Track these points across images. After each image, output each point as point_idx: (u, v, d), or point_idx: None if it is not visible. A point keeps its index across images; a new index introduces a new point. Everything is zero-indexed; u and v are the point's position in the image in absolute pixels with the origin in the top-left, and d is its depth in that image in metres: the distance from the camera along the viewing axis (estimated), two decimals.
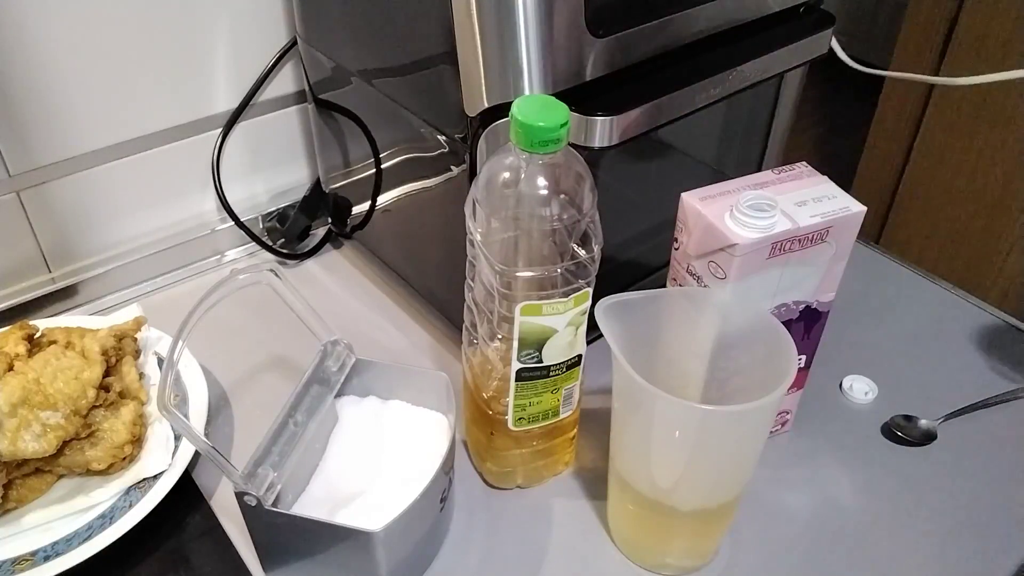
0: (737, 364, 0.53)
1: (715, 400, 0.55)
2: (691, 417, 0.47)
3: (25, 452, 0.54)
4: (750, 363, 0.52)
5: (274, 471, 0.50)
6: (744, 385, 0.52)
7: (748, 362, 0.52)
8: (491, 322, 0.53)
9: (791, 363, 0.49)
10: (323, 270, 0.83)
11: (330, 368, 0.57)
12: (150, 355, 0.66)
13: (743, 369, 0.53)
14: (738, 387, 0.53)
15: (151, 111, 0.74)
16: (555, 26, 0.51)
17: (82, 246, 0.77)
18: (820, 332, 0.59)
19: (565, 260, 0.50)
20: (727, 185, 0.55)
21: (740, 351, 0.53)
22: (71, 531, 0.55)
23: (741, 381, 0.53)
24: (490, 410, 0.56)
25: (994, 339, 0.75)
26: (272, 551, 0.53)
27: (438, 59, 0.56)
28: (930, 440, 0.65)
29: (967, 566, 0.57)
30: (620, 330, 0.49)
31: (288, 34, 0.78)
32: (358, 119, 0.71)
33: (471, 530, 0.58)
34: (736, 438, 0.49)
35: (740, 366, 0.53)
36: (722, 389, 0.55)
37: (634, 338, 0.50)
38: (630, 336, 0.49)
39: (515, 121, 0.45)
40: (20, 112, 0.68)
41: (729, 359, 0.54)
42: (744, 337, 0.52)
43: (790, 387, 0.49)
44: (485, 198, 0.49)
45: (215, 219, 0.83)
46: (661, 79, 0.57)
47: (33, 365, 0.56)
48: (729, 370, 0.54)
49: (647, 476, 0.52)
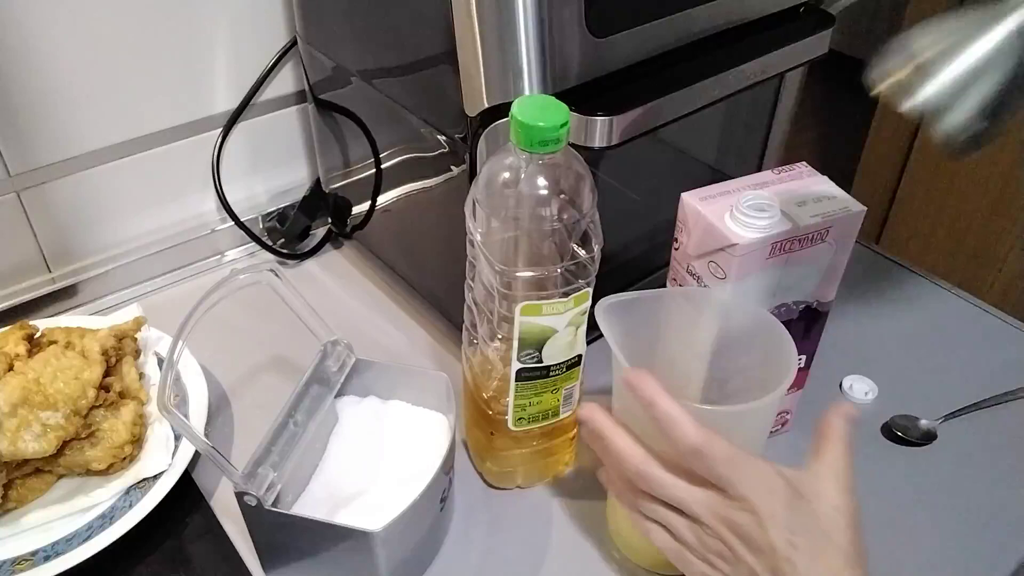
0: (737, 364, 0.53)
1: (715, 400, 0.55)
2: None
3: (25, 452, 0.54)
4: (750, 363, 0.52)
5: (274, 471, 0.50)
6: (744, 385, 0.52)
7: (748, 362, 0.52)
8: (491, 322, 0.53)
9: (791, 363, 0.49)
10: (323, 270, 0.83)
11: (330, 368, 0.57)
12: (150, 355, 0.66)
13: (743, 369, 0.53)
14: (738, 387, 0.53)
15: (151, 111, 0.74)
16: (555, 26, 0.51)
17: (82, 246, 0.77)
18: (820, 332, 0.59)
19: (565, 260, 0.50)
20: (727, 185, 0.55)
21: (740, 351, 0.53)
22: (71, 531, 0.55)
23: (741, 381, 0.53)
24: (490, 410, 0.56)
25: (994, 339, 0.75)
26: (272, 551, 0.53)
27: (438, 59, 0.56)
28: (930, 440, 0.65)
29: (967, 566, 0.57)
30: (620, 330, 0.49)
31: (288, 34, 0.78)
32: (358, 119, 0.71)
33: (471, 530, 0.58)
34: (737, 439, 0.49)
35: (740, 366, 0.53)
36: (722, 389, 0.55)
37: (634, 338, 0.50)
38: (630, 336, 0.49)
39: (515, 121, 0.45)
40: (20, 112, 0.68)
41: (729, 359, 0.54)
42: (744, 337, 0.52)
43: (790, 387, 0.49)
44: (485, 198, 0.49)
45: (215, 219, 0.83)
46: (661, 79, 0.57)
47: (33, 365, 0.56)
48: (729, 370, 0.54)
49: None
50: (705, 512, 0.44)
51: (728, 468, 0.43)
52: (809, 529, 0.42)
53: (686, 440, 0.44)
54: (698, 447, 0.43)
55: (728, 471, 0.43)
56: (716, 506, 0.44)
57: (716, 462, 0.43)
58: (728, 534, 0.43)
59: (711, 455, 0.43)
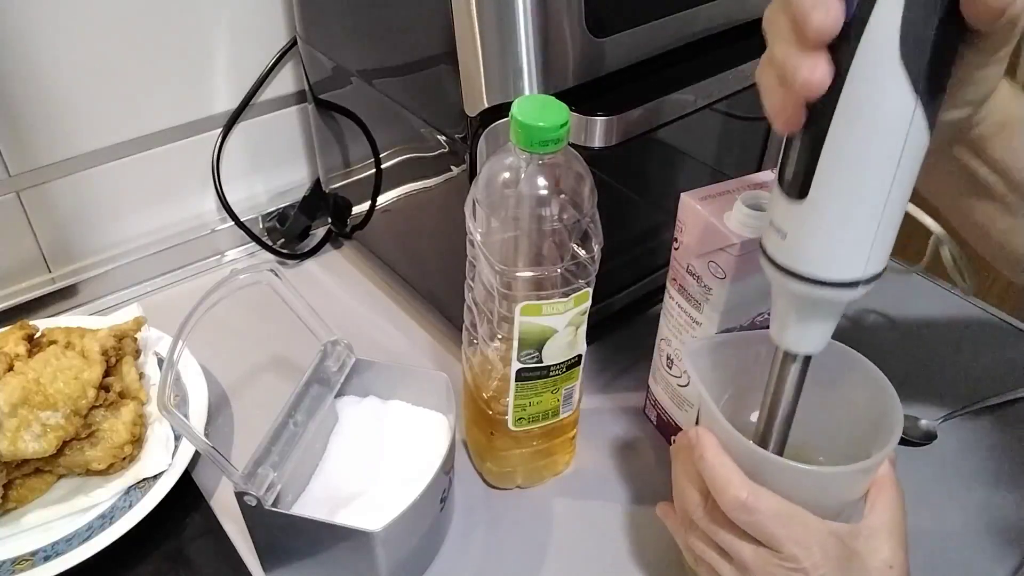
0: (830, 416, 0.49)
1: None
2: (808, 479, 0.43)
3: (25, 452, 0.54)
4: (841, 413, 0.48)
5: (274, 471, 0.50)
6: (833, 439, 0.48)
7: (838, 412, 0.48)
8: (491, 322, 0.53)
9: (895, 424, 0.44)
10: (323, 270, 0.83)
11: (330, 368, 0.57)
12: (150, 355, 0.66)
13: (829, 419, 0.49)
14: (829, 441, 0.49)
15: (151, 111, 0.74)
16: (555, 26, 0.51)
17: (82, 246, 0.77)
18: None
19: (565, 260, 0.50)
20: (727, 185, 0.55)
21: (831, 401, 0.48)
22: (71, 531, 0.55)
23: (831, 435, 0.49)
24: (490, 410, 0.56)
25: (994, 339, 0.75)
26: (272, 551, 0.53)
27: (438, 59, 0.56)
28: (930, 440, 0.65)
29: (967, 565, 0.57)
30: (708, 373, 0.47)
31: (288, 34, 0.78)
32: (358, 119, 0.71)
33: (471, 530, 0.58)
34: (828, 501, 0.44)
35: (830, 418, 0.49)
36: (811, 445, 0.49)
37: (721, 384, 0.47)
38: (713, 380, 0.47)
39: (515, 121, 0.45)
40: (20, 112, 0.68)
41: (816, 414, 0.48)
42: (837, 386, 0.48)
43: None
44: (485, 198, 0.49)
45: (215, 219, 0.83)
46: (661, 79, 0.57)
47: (33, 365, 0.56)
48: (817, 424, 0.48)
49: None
50: (754, 566, 0.43)
51: (777, 525, 0.42)
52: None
53: (733, 494, 0.42)
54: (745, 502, 0.42)
55: (776, 528, 0.42)
56: (766, 564, 0.42)
57: (765, 518, 0.42)
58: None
59: (759, 510, 0.42)
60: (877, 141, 0.34)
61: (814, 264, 0.37)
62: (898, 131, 0.34)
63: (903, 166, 0.34)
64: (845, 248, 0.37)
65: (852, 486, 0.44)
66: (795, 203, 0.37)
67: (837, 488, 0.44)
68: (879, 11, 0.32)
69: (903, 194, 0.36)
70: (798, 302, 0.40)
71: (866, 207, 0.36)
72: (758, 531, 0.42)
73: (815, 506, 0.43)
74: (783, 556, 0.41)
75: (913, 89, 0.33)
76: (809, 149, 0.35)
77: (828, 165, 0.35)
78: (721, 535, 0.44)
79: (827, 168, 0.35)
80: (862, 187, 0.35)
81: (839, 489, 0.44)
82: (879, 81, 0.33)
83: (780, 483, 0.42)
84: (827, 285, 0.38)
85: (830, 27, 0.32)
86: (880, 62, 0.32)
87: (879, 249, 0.37)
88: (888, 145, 0.34)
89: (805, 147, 0.36)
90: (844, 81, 0.33)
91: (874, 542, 0.42)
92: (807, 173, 0.36)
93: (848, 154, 0.35)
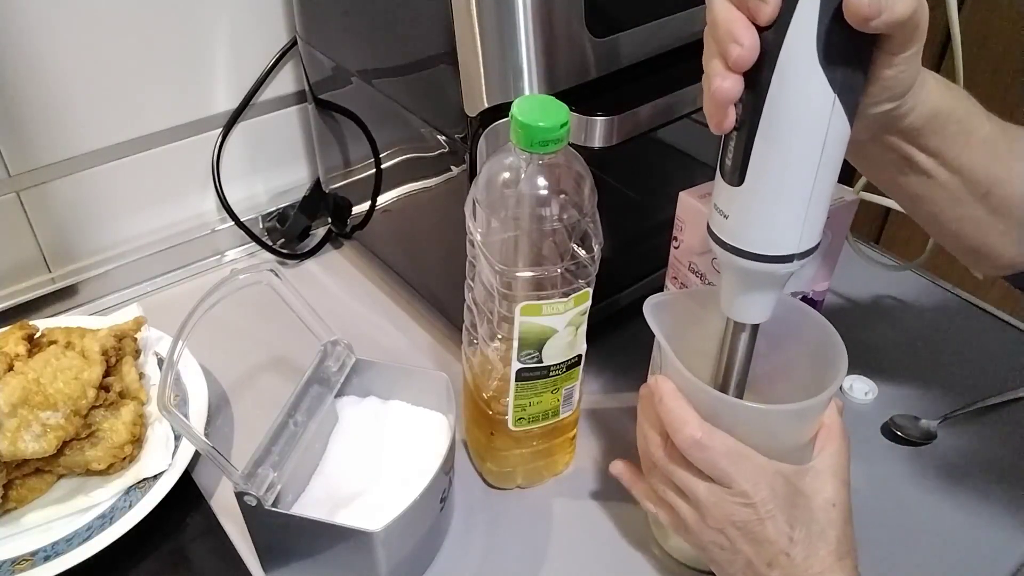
0: (784, 360, 0.52)
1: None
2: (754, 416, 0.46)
3: (25, 452, 0.54)
4: (796, 363, 0.51)
5: (274, 471, 0.50)
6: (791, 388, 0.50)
7: (793, 360, 0.51)
8: (491, 322, 0.53)
9: (840, 364, 0.47)
10: (323, 270, 0.83)
11: (330, 368, 0.57)
12: (150, 355, 0.66)
13: (788, 368, 0.51)
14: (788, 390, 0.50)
15: (151, 111, 0.74)
16: (555, 26, 0.51)
17: (82, 246, 0.77)
18: None
19: (565, 260, 0.50)
20: None
21: (784, 349, 0.51)
22: (71, 531, 0.55)
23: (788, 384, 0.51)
24: (490, 410, 0.56)
25: (994, 339, 0.75)
26: (272, 551, 0.53)
27: (438, 59, 0.56)
28: (930, 440, 0.65)
29: (967, 565, 0.57)
30: (667, 326, 0.49)
31: (288, 34, 0.78)
32: (358, 119, 0.71)
33: (471, 530, 0.58)
34: (785, 441, 0.47)
35: (785, 363, 0.52)
36: (771, 391, 0.52)
37: (680, 337, 0.49)
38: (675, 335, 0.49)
39: (515, 121, 0.45)
40: (20, 112, 0.68)
41: (770, 358, 0.51)
42: (787, 334, 0.51)
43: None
44: (485, 198, 0.49)
45: (215, 219, 0.83)
46: (661, 79, 0.57)
47: (33, 365, 0.56)
48: (776, 370, 0.52)
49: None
50: (707, 502, 0.46)
51: (728, 463, 0.45)
52: (806, 524, 0.44)
53: (688, 433, 0.45)
54: (699, 440, 0.45)
55: (728, 466, 0.45)
56: (719, 499, 0.45)
57: (717, 455, 0.45)
58: (728, 526, 0.45)
59: (712, 448, 0.45)
60: (801, 133, 0.38)
61: (753, 242, 0.42)
62: (820, 123, 0.38)
63: (827, 153, 0.39)
64: (780, 227, 0.41)
65: (799, 426, 0.47)
66: (734, 189, 0.41)
67: (784, 428, 0.47)
68: (797, 21, 0.36)
69: (830, 178, 0.40)
70: (742, 276, 0.44)
71: (796, 190, 0.40)
72: (711, 468, 0.45)
73: (766, 448, 0.45)
74: (734, 492, 0.45)
75: (831, 87, 0.37)
76: (744, 141, 0.39)
77: (760, 155, 0.39)
78: (678, 474, 0.47)
79: (759, 158, 0.39)
80: (791, 173, 0.39)
81: (786, 429, 0.47)
82: (801, 81, 0.37)
83: (733, 425, 0.45)
84: (766, 260, 0.42)
85: (746, 59, 0.37)
86: (800, 64, 0.37)
87: (811, 226, 0.41)
88: (812, 136, 0.38)
89: (740, 140, 0.40)
90: (770, 82, 0.37)
91: (818, 482, 0.45)
92: (743, 163, 0.40)
93: (777, 144, 0.39)
